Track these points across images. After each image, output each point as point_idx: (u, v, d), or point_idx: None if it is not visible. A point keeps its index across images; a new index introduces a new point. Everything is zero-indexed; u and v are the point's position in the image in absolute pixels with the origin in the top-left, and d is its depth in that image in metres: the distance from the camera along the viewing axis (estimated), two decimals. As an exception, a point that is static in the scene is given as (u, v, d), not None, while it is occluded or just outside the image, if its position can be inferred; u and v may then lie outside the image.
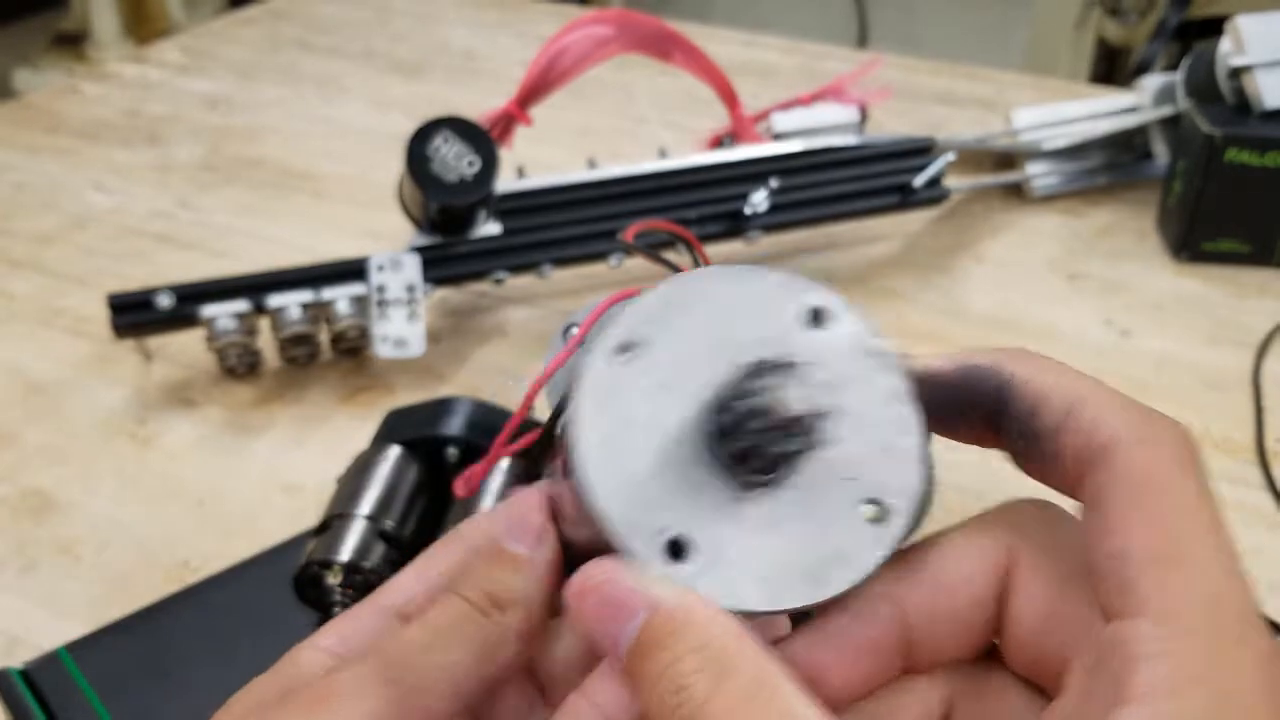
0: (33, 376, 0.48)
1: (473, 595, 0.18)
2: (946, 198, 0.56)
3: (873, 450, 0.16)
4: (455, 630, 0.17)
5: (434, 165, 0.46)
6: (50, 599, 0.37)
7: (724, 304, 0.16)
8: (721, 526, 0.15)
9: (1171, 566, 0.13)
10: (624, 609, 0.15)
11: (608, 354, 0.15)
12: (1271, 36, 0.53)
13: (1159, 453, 0.14)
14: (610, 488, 0.15)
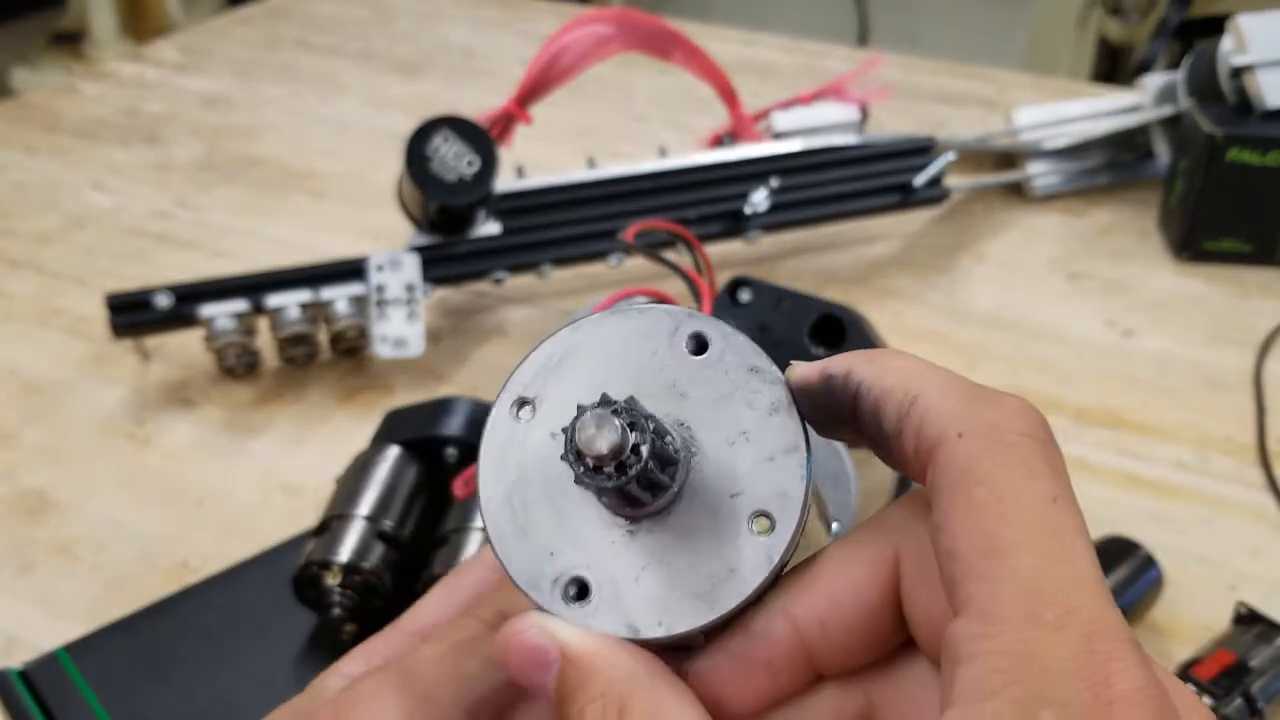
0: (31, 376, 0.48)
1: (484, 614, 0.18)
2: (947, 197, 0.55)
3: (758, 463, 0.16)
4: (468, 645, 0.18)
5: (433, 165, 0.46)
6: (48, 599, 0.37)
7: (609, 347, 0.17)
8: (616, 561, 0.16)
9: (988, 561, 0.13)
10: (540, 662, 0.16)
11: (505, 412, 0.17)
12: (1273, 35, 0.53)
13: (976, 443, 0.14)
14: (511, 541, 0.16)
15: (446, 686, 0.17)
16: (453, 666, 0.17)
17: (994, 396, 0.15)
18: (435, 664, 0.17)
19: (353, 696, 0.17)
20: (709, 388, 0.16)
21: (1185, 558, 0.38)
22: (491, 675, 0.17)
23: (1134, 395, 0.47)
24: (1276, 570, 0.38)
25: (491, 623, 0.18)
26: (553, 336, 0.17)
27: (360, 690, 0.17)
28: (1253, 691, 0.31)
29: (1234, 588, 0.37)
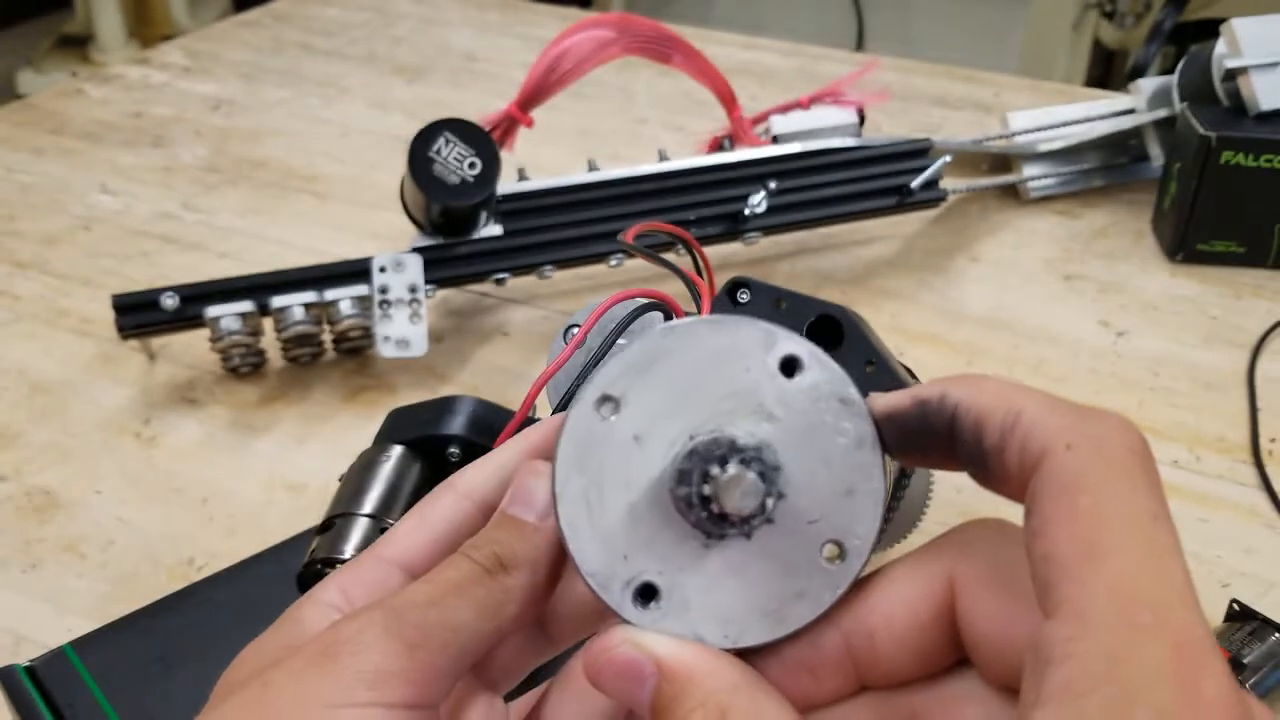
0: (38, 376, 0.49)
1: (479, 556, 0.18)
2: (944, 199, 0.56)
3: (836, 495, 0.17)
4: (461, 588, 0.18)
5: (436, 167, 0.46)
6: (55, 597, 0.38)
7: (701, 356, 0.17)
8: (688, 573, 0.17)
9: (1087, 565, 0.14)
10: (635, 677, 0.16)
11: (588, 407, 0.17)
12: (1266, 38, 0.54)
13: (1084, 453, 0.14)
14: (584, 537, 0.16)
15: (436, 634, 0.17)
16: (443, 613, 0.17)
17: (1098, 413, 0.15)
18: (425, 609, 0.17)
19: (338, 636, 0.17)
20: (798, 414, 0.17)
21: (1178, 555, 0.39)
22: (482, 625, 0.17)
23: (1128, 395, 0.47)
24: (1269, 568, 0.38)
25: (487, 566, 0.18)
26: (643, 336, 0.17)
27: (346, 631, 0.17)
28: (1246, 688, 0.31)
29: (1227, 585, 0.38)
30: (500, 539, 0.18)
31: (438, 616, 0.17)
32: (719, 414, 0.16)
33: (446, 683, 0.17)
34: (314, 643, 0.17)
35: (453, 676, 0.17)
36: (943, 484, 0.40)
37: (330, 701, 0.16)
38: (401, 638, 0.16)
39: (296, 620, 0.18)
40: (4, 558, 0.39)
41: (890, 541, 0.34)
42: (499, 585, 0.18)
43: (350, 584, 0.19)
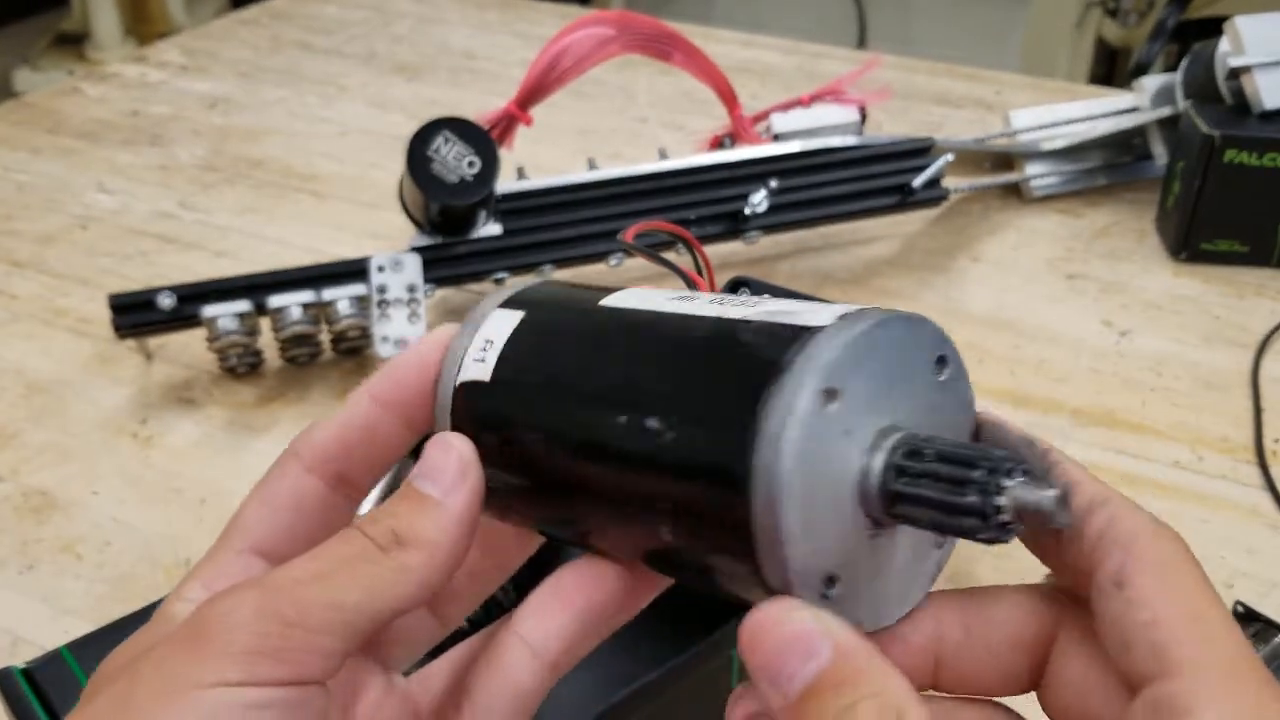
0: (35, 376, 0.49)
1: (374, 531, 0.17)
2: (945, 198, 0.56)
3: None
4: (350, 564, 0.17)
5: (435, 166, 0.46)
6: (52, 598, 0.38)
7: (895, 354, 0.16)
8: (859, 560, 0.16)
9: (1199, 631, 0.15)
10: (802, 651, 0.15)
11: (813, 398, 0.15)
12: (1270, 37, 0.54)
13: (1173, 544, 0.16)
14: (797, 534, 0.15)
15: (317, 612, 0.16)
16: (327, 591, 0.16)
17: (1157, 519, 0.17)
18: (307, 585, 0.16)
19: (207, 616, 0.16)
20: (943, 414, 0.17)
21: (1182, 556, 0.39)
22: (372, 604, 0.16)
23: (1131, 395, 0.47)
24: (1273, 569, 0.38)
25: (381, 543, 0.17)
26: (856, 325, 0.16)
27: (216, 610, 0.16)
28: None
29: (1231, 586, 0.38)
30: (401, 514, 0.17)
31: (320, 593, 0.16)
32: (914, 410, 0.16)
33: (331, 662, 0.16)
34: (182, 626, 0.16)
35: (338, 655, 0.16)
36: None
37: (199, 682, 0.15)
38: (277, 615, 0.15)
39: (165, 617, 0.17)
40: (1, 558, 0.39)
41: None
42: (394, 563, 0.17)
43: (213, 579, 0.18)
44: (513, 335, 0.19)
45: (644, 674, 0.26)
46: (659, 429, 0.16)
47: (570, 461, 0.18)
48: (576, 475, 0.18)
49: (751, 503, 0.15)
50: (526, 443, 0.18)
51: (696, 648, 0.27)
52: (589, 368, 0.18)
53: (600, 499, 0.18)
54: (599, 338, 0.18)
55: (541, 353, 0.19)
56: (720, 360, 0.16)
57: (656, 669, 0.27)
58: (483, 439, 0.18)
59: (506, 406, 0.19)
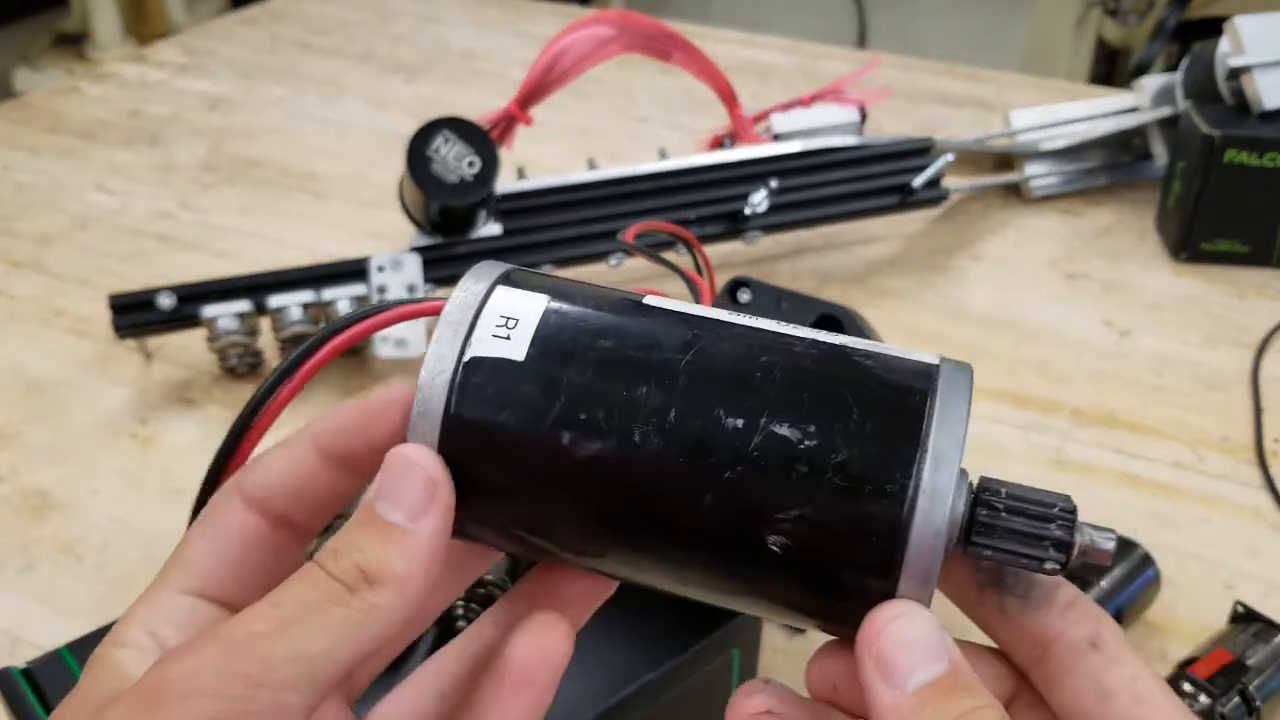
0: (34, 376, 0.49)
1: (338, 569, 0.16)
2: (945, 198, 0.56)
3: None
4: (314, 611, 0.15)
5: (435, 166, 0.46)
6: (52, 598, 0.37)
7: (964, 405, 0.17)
8: None
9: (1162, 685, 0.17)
10: (930, 651, 0.15)
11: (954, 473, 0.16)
12: (1270, 37, 0.53)
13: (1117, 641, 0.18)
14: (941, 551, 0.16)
15: (284, 669, 0.14)
16: (293, 643, 0.15)
17: None
18: (271, 640, 0.15)
19: (166, 678, 0.14)
20: None
21: (1182, 557, 0.39)
22: (341, 650, 0.15)
23: (1131, 395, 0.47)
24: (1273, 569, 0.38)
25: (348, 583, 0.15)
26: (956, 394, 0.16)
27: (176, 671, 0.14)
28: (1250, 690, 0.31)
29: (1231, 587, 0.38)
30: (364, 546, 0.16)
31: (286, 647, 0.15)
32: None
33: (299, 717, 0.15)
34: (138, 689, 0.15)
35: (306, 710, 0.15)
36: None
37: None
38: (241, 676, 0.14)
39: (108, 668, 0.16)
40: (0, 559, 0.39)
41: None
42: (362, 604, 0.15)
43: (156, 621, 0.17)
44: (548, 314, 0.17)
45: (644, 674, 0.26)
46: (796, 438, 0.16)
47: (651, 469, 0.16)
48: (655, 485, 0.16)
49: (913, 518, 0.15)
50: (580, 439, 0.16)
51: (696, 648, 0.27)
52: (684, 357, 0.16)
53: (682, 505, 0.16)
54: (683, 326, 0.17)
55: (605, 334, 0.17)
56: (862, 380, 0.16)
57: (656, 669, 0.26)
58: (499, 435, 0.16)
59: (553, 391, 0.16)
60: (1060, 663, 0.17)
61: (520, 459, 0.16)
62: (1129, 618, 0.34)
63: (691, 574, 0.17)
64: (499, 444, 0.16)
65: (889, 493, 0.15)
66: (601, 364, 0.16)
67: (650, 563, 0.17)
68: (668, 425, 0.16)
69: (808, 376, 0.16)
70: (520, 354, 0.16)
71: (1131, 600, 0.34)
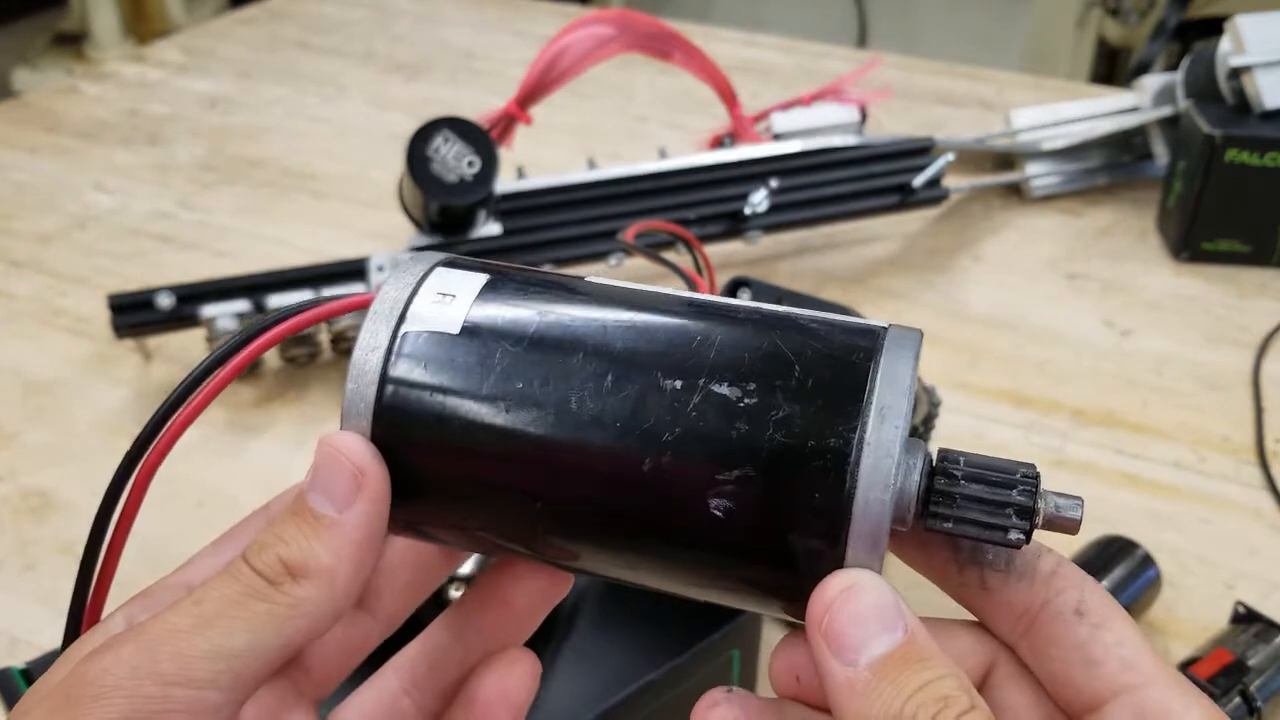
0: (33, 376, 0.49)
1: (261, 563, 0.15)
2: (946, 198, 0.56)
3: None
4: (234, 605, 0.15)
5: (434, 165, 0.46)
6: (51, 598, 0.37)
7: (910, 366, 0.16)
8: None
9: (1150, 650, 0.17)
10: (884, 620, 0.15)
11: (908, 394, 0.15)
12: (1271, 36, 0.53)
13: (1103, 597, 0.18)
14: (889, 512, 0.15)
15: (202, 666, 0.14)
16: (212, 640, 0.14)
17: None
18: (189, 636, 0.14)
19: (82, 679, 0.14)
20: None
21: (1183, 557, 0.39)
22: (264, 645, 0.15)
23: (1132, 395, 0.47)
24: (1274, 569, 0.38)
25: (270, 576, 0.15)
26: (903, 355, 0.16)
27: (91, 671, 0.14)
28: (1251, 690, 0.31)
29: (1232, 587, 0.37)
30: (290, 538, 0.15)
31: (204, 644, 0.14)
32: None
33: (221, 715, 0.15)
34: (58, 686, 0.15)
35: (229, 706, 0.15)
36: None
37: None
38: (155, 674, 0.14)
39: (74, 659, 0.16)
40: (0, 559, 0.39)
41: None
42: (285, 598, 0.15)
43: (139, 613, 0.16)
44: (486, 288, 0.17)
45: (644, 675, 0.26)
46: (736, 396, 0.15)
47: (588, 435, 0.15)
48: (593, 451, 0.15)
49: (858, 473, 0.15)
50: (516, 407, 0.15)
51: (696, 648, 0.27)
52: (622, 326, 0.16)
53: (621, 471, 0.15)
54: (624, 300, 0.17)
55: (542, 306, 0.16)
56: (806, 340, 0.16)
57: (657, 669, 0.26)
58: (431, 410, 0.16)
59: (488, 361, 0.16)
60: (1046, 634, 0.16)
61: (457, 434, 0.16)
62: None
63: (639, 553, 0.16)
64: (435, 420, 0.16)
65: (831, 446, 0.15)
66: (537, 334, 0.16)
67: (595, 543, 0.16)
68: (604, 390, 0.15)
69: (749, 338, 0.16)
70: (455, 327, 0.16)
71: (1132, 601, 0.34)
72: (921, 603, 0.16)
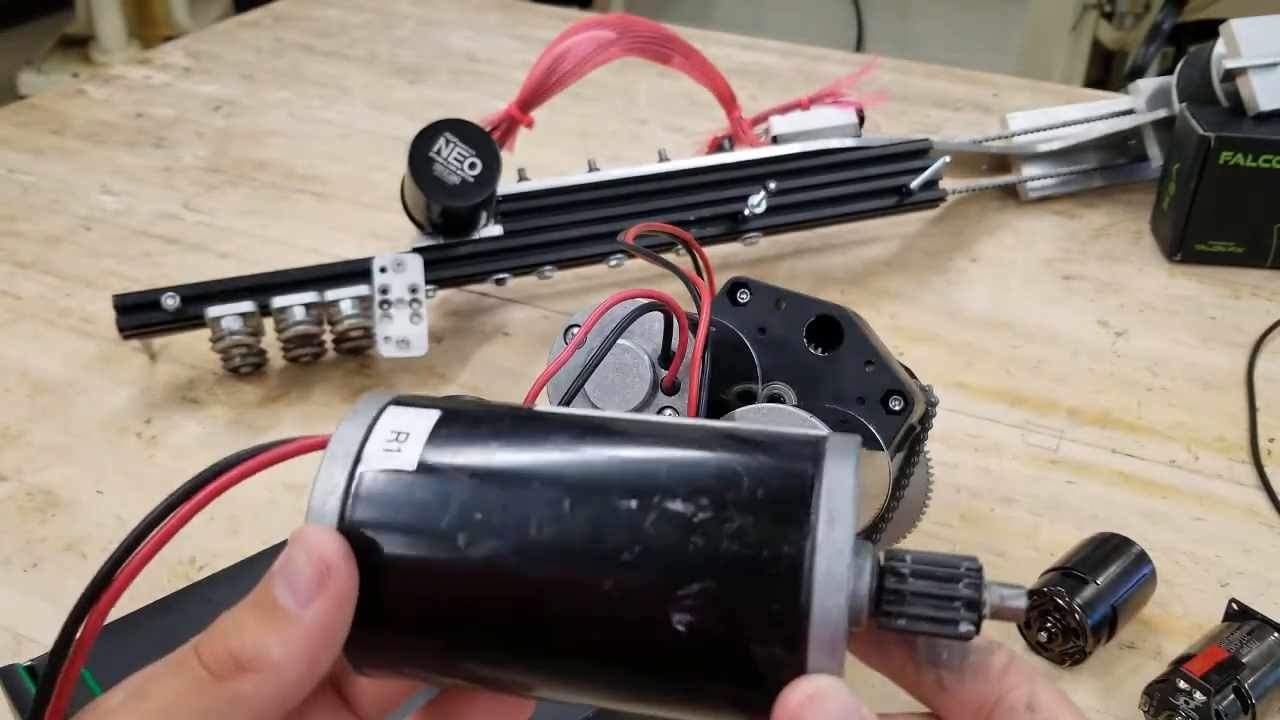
0: (39, 376, 0.49)
1: (210, 655, 0.15)
2: (943, 200, 0.56)
3: None
4: (179, 703, 0.15)
5: (436, 167, 0.46)
6: (56, 596, 0.38)
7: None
8: None
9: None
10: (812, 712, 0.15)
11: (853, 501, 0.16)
12: (1265, 39, 0.54)
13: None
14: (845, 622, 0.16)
15: None
16: None
17: None
18: None
19: None
20: None
21: (1178, 555, 0.39)
22: None
23: (1127, 395, 0.47)
24: (1268, 567, 0.39)
25: (215, 670, 0.15)
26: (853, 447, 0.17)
27: None
28: (1245, 687, 0.31)
29: (1226, 584, 0.38)
30: (245, 629, 0.15)
31: None
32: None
33: None
34: None
35: None
36: (942, 484, 0.40)
37: None
38: None
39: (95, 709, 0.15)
40: (5, 557, 0.39)
41: (891, 539, 0.35)
42: (229, 693, 0.15)
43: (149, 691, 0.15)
44: (439, 424, 0.17)
45: None
46: (690, 511, 0.16)
47: (549, 559, 0.16)
48: (556, 575, 0.16)
49: (814, 577, 0.15)
50: (477, 538, 0.16)
51: None
52: (575, 452, 0.17)
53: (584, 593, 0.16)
54: (574, 427, 0.17)
55: (496, 438, 0.17)
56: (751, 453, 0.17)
57: None
58: (391, 549, 0.16)
59: (446, 495, 0.16)
60: None
61: (416, 569, 0.16)
62: (1125, 615, 0.35)
63: (604, 674, 0.17)
64: (393, 556, 0.16)
65: (785, 554, 0.15)
66: (493, 465, 0.17)
67: (561, 667, 0.17)
68: (562, 514, 0.16)
69: (697, 456, 0.17)
70: (411, 464, 0.17)
71: (1127, 598, 0.35)
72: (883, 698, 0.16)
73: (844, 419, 0.30)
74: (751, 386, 0.31)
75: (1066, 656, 0.35)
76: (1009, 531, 0.40)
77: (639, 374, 0.27)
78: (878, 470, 0.30)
